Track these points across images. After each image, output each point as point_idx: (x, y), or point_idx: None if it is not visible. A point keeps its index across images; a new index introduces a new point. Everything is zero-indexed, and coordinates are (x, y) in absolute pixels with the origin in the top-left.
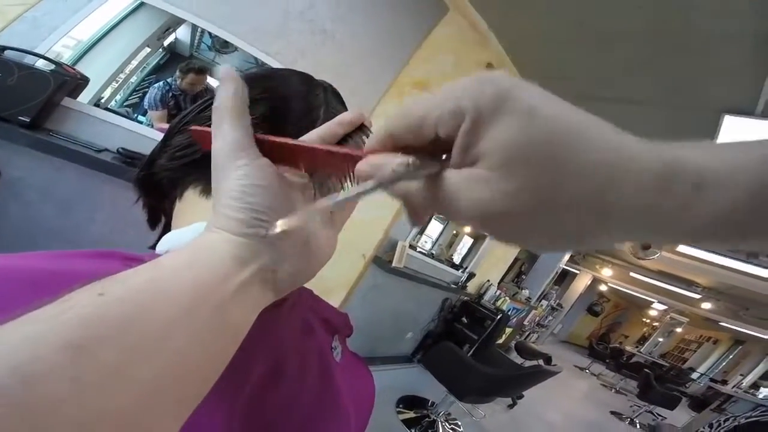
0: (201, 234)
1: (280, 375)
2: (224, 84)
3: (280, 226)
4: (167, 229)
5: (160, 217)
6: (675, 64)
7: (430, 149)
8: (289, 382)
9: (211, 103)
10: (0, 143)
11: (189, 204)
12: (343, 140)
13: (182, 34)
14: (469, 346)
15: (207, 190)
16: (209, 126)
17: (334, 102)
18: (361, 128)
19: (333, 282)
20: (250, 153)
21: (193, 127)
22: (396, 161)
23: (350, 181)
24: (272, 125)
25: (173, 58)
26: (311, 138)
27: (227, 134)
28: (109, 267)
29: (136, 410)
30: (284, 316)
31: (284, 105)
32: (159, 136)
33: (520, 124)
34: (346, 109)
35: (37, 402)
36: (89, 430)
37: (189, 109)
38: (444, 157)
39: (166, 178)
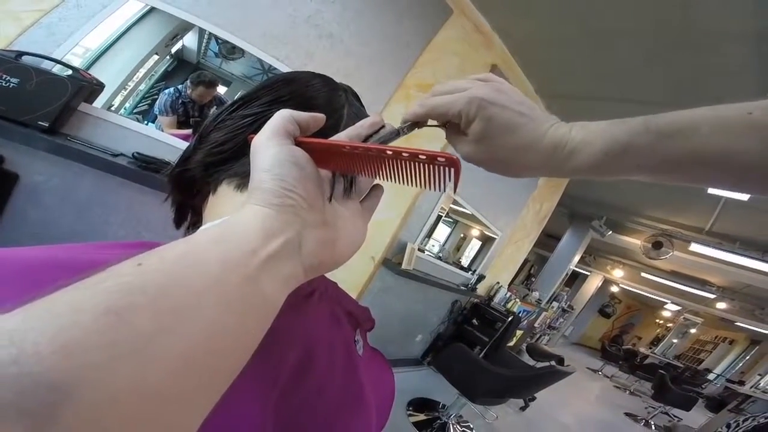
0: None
1: (310, 366)
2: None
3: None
4: (191, 228)
5: (186, 215)
6: (679, 64)
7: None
8: (318, 373)
9: (247, 102)
10: (19, 148)
11: (223, 198)
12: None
13: (189, 41)
14: (480, 348)
15: (242, 185)
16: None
17: (356, 103)
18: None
19: (343, 283)
20: (282, 140)
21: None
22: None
23: (380, 176)
24: None
25: (181, 65)
26: (340, 138)
27: (269, 125)
28: None
29: (168, 382)
30: (314, 307)
31: (309, 106)
32: (173, 141)
33: (481, 123)
34: (365, 109)
35: (73, 369)
36: (121, 401)
37: (224, 107)
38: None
39: (200, 173)
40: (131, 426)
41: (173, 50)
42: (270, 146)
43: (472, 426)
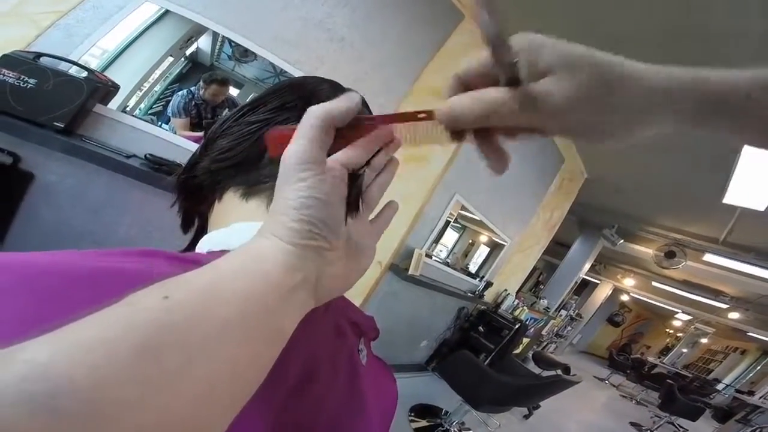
0: (255, 237)
1: (313, 376)
2: (341, 99)
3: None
4: (199, 232)
5: (193, 220)
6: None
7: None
8: (321, 384)
9: (253, 108)
10: (35, 148)
11: (228, 206)
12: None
13: (203, 43)
14: (486, 356)
15: (248, 193)
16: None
17: (365, 110)
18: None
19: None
20: (317, 167)
21: (275, 129)
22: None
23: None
24: None
25: (195, 67)
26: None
27: (303, 141)
28: (154, 267)
29: (194, 412)
30: (319, 318)
31: None
32: (185, 143)
33: (555, 54)
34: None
35: (107, 405)
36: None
37: (231, 113)
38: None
39: (207, 180)
40: None
41: (188, 52)
42: (301, 176)
43: None
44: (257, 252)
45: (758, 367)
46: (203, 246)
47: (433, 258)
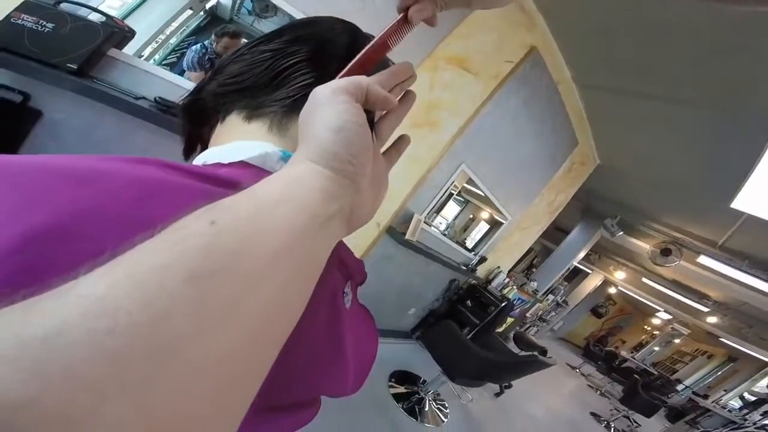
0: (289, 164)
1: None
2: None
3: None
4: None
5: (196, 146)
6: (735, 67)
7: None
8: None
9: (267, 39)
10: (46, 87)
11: (230, 127)
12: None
13: None
14: (469, 330)
15: (250, 116)
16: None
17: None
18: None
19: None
20: (351, 98)
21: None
22: None
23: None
24: (315, 65)
25: (213, 21)
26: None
27: (343, 80)
28: (148, 172)
29: (247, 348)
30: None
31: (327, 48)
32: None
33: None
34: (387, 61)
35: (166, 340)
36: (210, 371)
37: (245, 44)
38: None
39: (212, 103)
40: (219, 395)
41: (207, 6)
42: (338, 102)
43: (447, 405)
44: (295, 179)
45: (719, 373)
46: (200, 160)
47: (432, 227)
